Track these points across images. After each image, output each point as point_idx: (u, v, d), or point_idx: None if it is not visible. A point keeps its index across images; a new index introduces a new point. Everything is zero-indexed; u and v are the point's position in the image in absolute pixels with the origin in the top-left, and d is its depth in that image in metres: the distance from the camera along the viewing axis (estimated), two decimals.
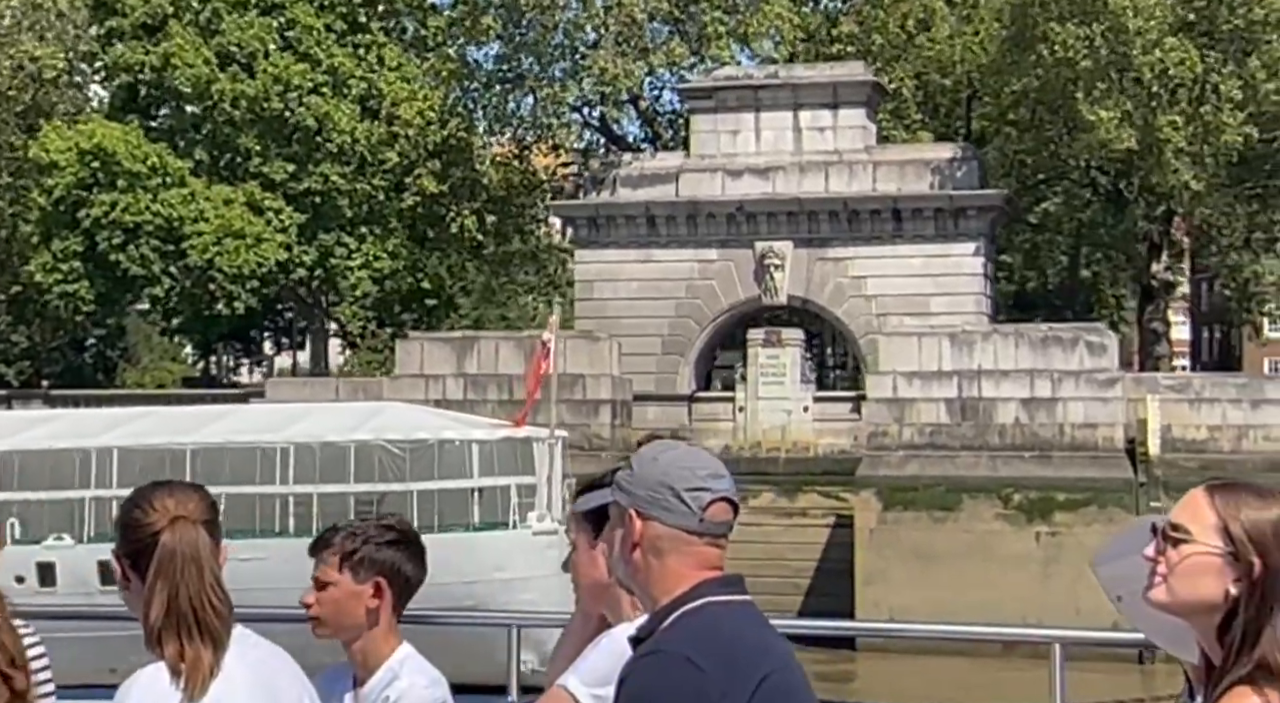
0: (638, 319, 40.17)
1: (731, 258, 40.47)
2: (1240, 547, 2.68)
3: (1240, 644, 2.64)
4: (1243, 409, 32.63)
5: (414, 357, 37.33)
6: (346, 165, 44.33)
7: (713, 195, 40.28)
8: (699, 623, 2.86)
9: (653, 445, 3.11)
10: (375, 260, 44.70)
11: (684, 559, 2.94)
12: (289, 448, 22.78)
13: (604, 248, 41.17)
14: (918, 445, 33.99)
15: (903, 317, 38.29)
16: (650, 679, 2.79)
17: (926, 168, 39.44)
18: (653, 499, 2.95)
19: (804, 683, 2.98)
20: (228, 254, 40.98)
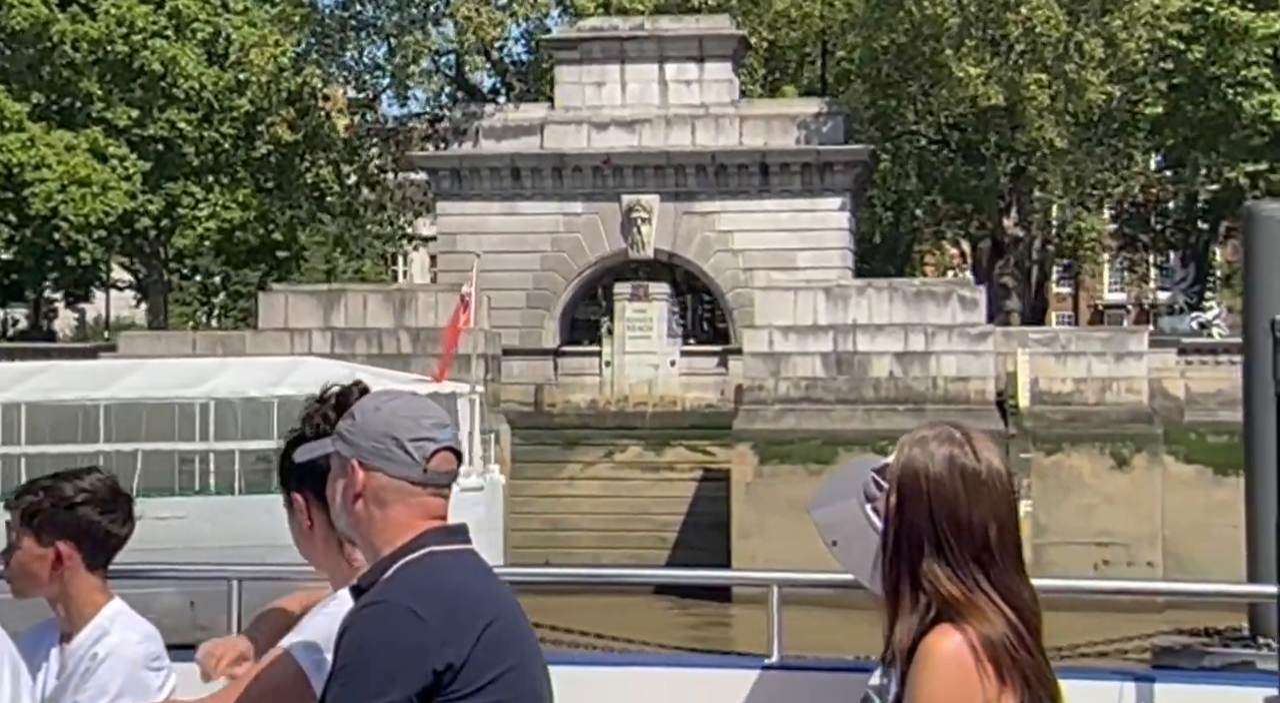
0: (502, 273, 39.54)
1: (597, 211, 40.14)
2: (890, 485, 2.81)
3: (906, 585, 2.73)
4: (1107, 362, 33.48)
5: (277, 310, 36.26)
6: (193, 112, 42.75)
7: (578, 148, 39.85)
8: (421, 573, 2.86)
9: (374, 395, 3.08)
10: (224, 210, 43.25)
11: (407, 510, 2.93)
12: (209, 403, 21.82)
13: (467, 200, 40.47)
14: (793, 399, 34.17)
15: (769, 271, 38.44)
16: (370, 630, 2.77)
17: (792, 123, 39.55)
18: (376, 450, 2.93)
19: (527, 630, 2.99)
20: (73, 203, 39.20)
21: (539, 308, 40.40)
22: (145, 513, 17.74)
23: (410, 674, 2.76)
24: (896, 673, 2.77)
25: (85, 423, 21.50)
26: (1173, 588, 7.92)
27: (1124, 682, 3.99)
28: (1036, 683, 2.71)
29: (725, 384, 39.45)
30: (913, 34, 37.18)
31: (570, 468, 37.18)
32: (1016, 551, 2.84)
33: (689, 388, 39.36)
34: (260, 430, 21.54)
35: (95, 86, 41.43)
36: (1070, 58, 34.56)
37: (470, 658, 2.81)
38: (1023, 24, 34.87)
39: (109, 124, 41.57)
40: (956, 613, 2.70)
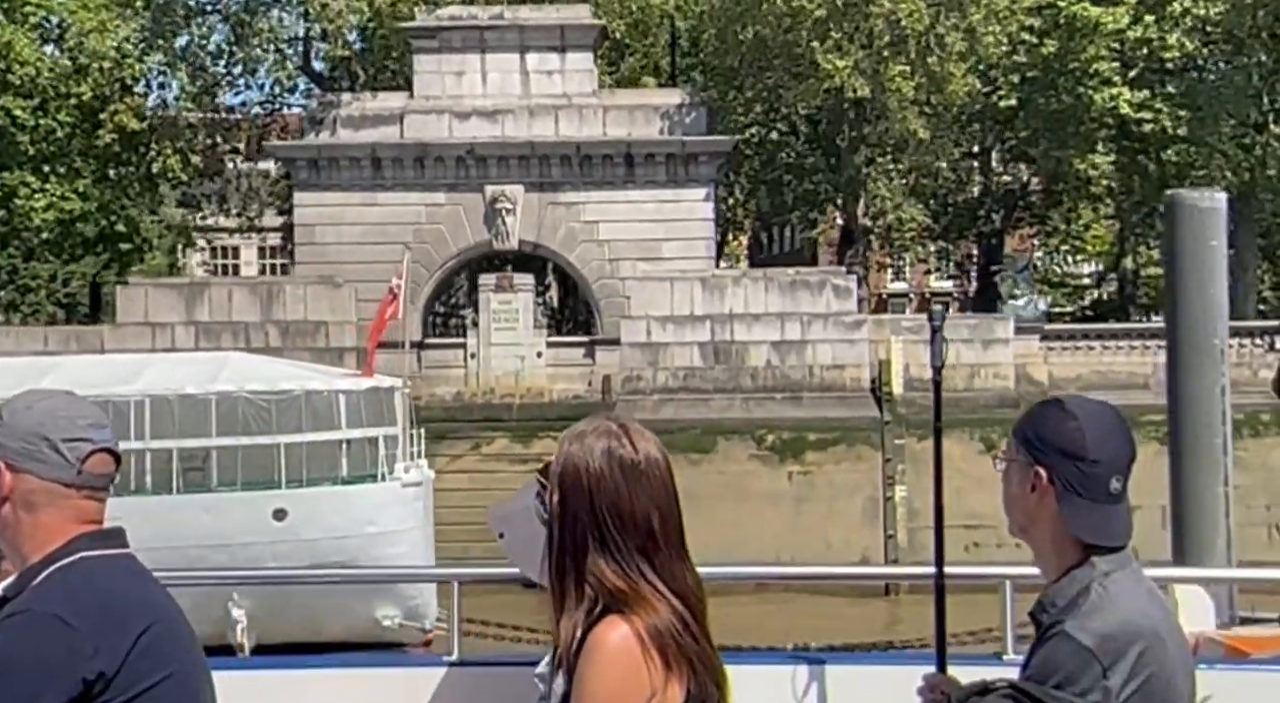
0: (362, 264, 38.83)
1: (460, 202, 39.69)
2: (552, 484, 2.87)
3: (571, 580, 2.79)
4: (975, 349, 34.41)
5: (137, 304, 35.12)
6: (29, 99, 40.99)
7: (440, 138, 39.35)
8: (71, 579, 2.77)
9: (26, 394, 2.97)
10: (63, 201, 41.59)
11: (60, 513, 2.83)
12: (144, 400, 20.93)
13: (325, 190, 39.63)
14: (672, 389, 34.39)
15: (635, 261, 38.55)
16: (14, 640, 2.67)
17: (656, 113, 39.66)
18: (26, 451, 2.82)
19: (188, 634, 2.92)
20: None
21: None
22: None
23: (58, 685, 2.65)
24: (565, 669, 2.81)
25: None
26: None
27: (796, 665, 4.14)
28: (702, 669, 2.79)
29: (593, 375, 39.44)
30: (775, 26, 37.59)
31: (438, 462, 36.70)
32: (679, 537, 2.91)
33: (556, 379, 39.21)
34: (197, 428, 20.83)
35: None
36: (932, 51, 35.37)
37: (124, 666, 2.71)
38: (886, 17, 35.54)
39: None
40: (622, 605, 2.76)
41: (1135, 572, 2.98)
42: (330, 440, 21.30)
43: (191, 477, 21.01)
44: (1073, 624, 2.81)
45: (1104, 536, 2.93)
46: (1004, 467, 3.07)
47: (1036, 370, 35.13)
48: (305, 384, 22.05)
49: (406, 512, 20.02)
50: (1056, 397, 3.12)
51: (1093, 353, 35.29)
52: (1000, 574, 4.78)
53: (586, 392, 39.24)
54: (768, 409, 34.01)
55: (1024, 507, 2.99)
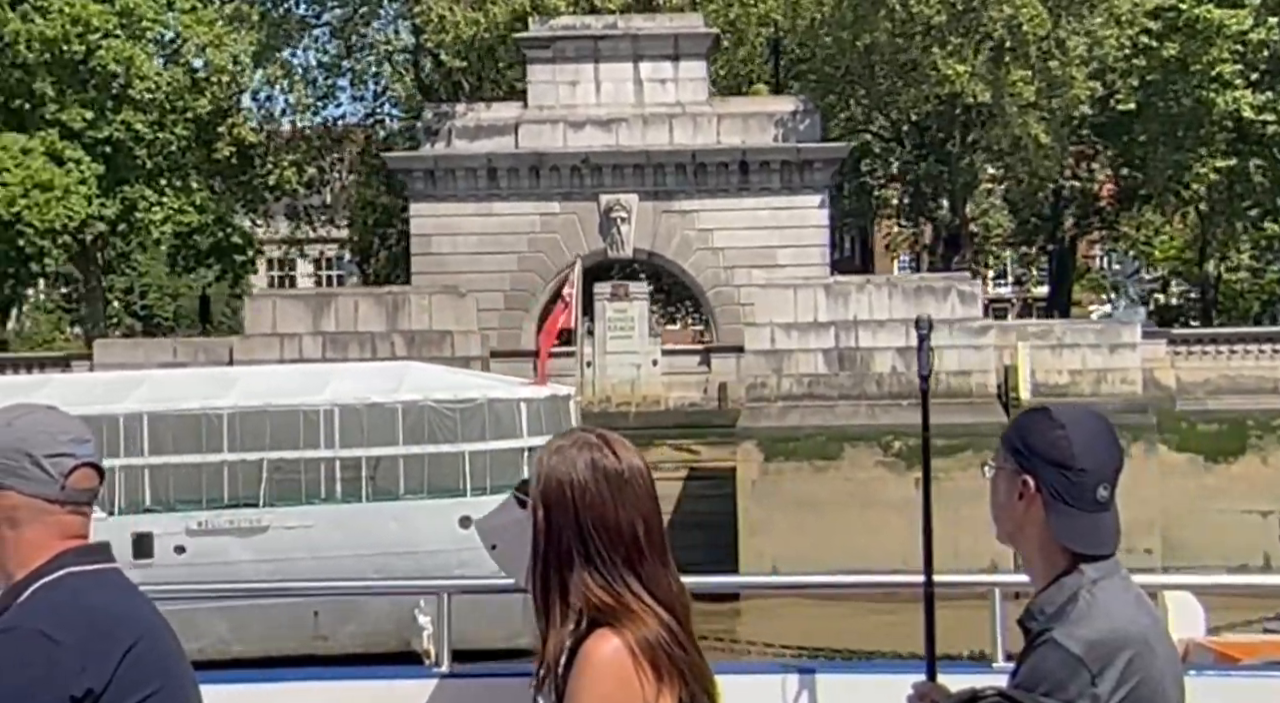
0: (478, 274, 39.18)
1: (575, 211, 39.90)
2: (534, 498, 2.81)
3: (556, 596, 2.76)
4: (1101, 354, 34.14)
5: (265, 316, 35.46)
6: (148, 114, 41.58)
7: (555, 147, 39.58)
8: (57, 595, 2.74)
9: (7, 409, 2.93)
10: (179, 214, 42.14)
11: (43, 530, 2.80)
12: (333, 410, 21.19)
13: (441, 201, 39.97)
14: (796, 396, 34.29)
15: (750, 269, 38.60)
16: (2, 657, 2.64)
17: (770, 120, 39.70)
18: (8, 467, 2.79)
19: (175, 649, 2.88)
20: (37, 208, 37.89)
21: (517, 309, 40.04)
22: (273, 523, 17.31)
23: (45, 701, 2.62)
24: (551, 685, 2.79)
25: (208, 431, 20.83)
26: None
27: (786, 674, 4.13)
28: (693, 680, 2.78)
29: (708, 382, 39.52)
30: (890, 33, 37.53)
31: None
32: (663, 546, 2.88)
33: (671, 387, 39.31)
34: (384, 436, 21.06)
35: (49, 87, 40.10)
36: (1054, 55, 35.19)
37: (113, 682, 2.68)
38: (1006, 22, 35.39)
39: (63, 126, 40.26)
40: (610, 618, 2.74)
41: (1124, 579, 2.98)
42: (513, 448, 21.46)
43: (380, 485, 21.26)
44: (1061, 632, 2.82)
45: (1091, 544, 2.94)
46: (992, 474, 3.08)
47: (1164, 375, 34.82)
48: (488, 393, 22.24)
49: None
50: (1044, 405, 3.14)
51: (1220, 357, 34.95)
52: (989, 582, 4.77)
53: (702, 399, 39.32)
54: (893, 415, 33.84)
55: (1012, 515, 2.99)
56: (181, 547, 20.29)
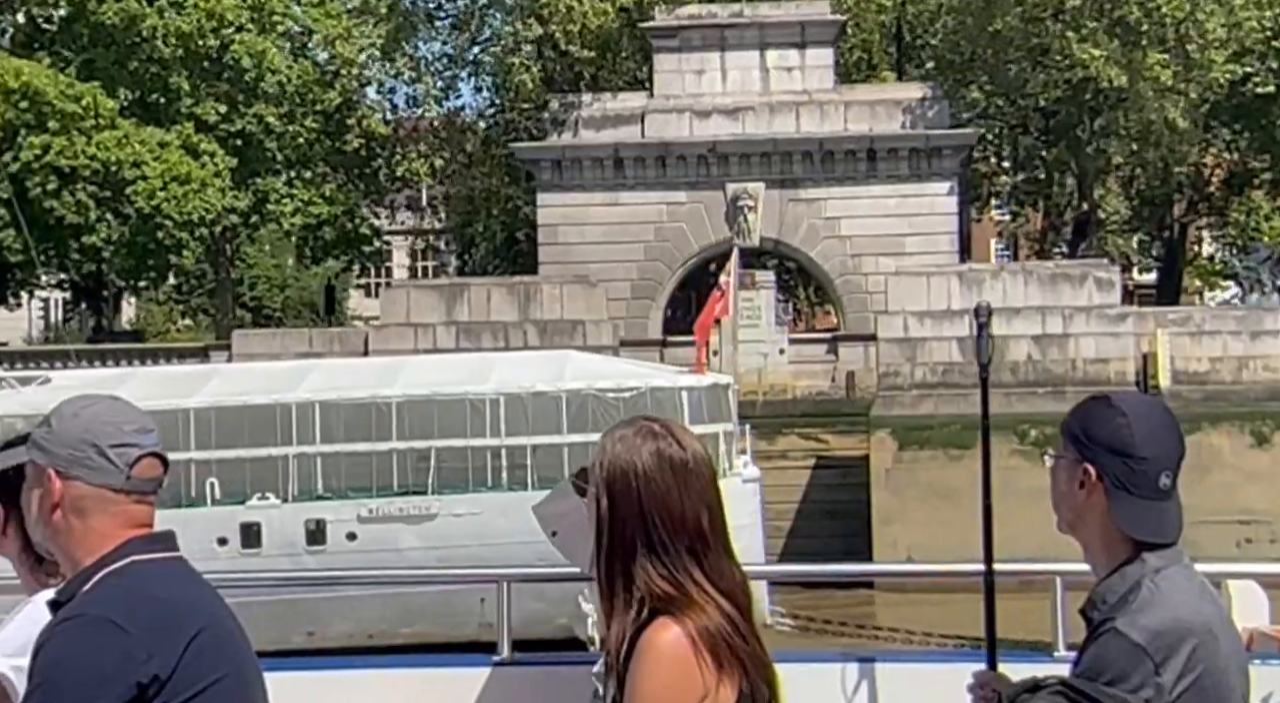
0: (605, 264, 39.33)
1: (701, 200, 39.94)
2: (597, 487, 2.79)
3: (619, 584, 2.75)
4: (1243, 341, 33.56)
5: (399, 305, 35.92)
6: (279, 106, 42.21)
7: (681, 136, 39.62)
8: (123, 583, 2.76)
9: (73, 400, 2.94)
10: (309, 206, 42.75)
11: (110, 519, 2.83)
12: (499, 399, 21.45)
13: (568, 191, 40.17)
14: (930, 384, 34.07)
15: (877, 257, 38.42)
16: (68, 645, 2.66)
17: (897, 107, 39.45)
18: (74, 458, 2.81)
19: (240, 637, 2.89)
20: (175, 200, 38.64)
21: (644, 298, 40.15)
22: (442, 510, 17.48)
23: (112, 690, 2.63)
24: (614, 674, 2.77)
25: (378, 420, 21.18)
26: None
27: (846, 663, 4.09)
28: (754, 669, 2.76)
29: (836, 371, 39.39)
30: (1024, 17, 37.12)
31: None
32: (725, 535, 2.86)
33: (799, 376, 39.24)
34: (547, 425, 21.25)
35: (184, 82, 40.84)
36: (1191, 38, 34.63)
37: (178, 669, 2.70)
38: (1142, 4, 34.87)
39: (198, 120, 40.99)
40: (672, 607, 2.72)
41: (1186, 568, 2.93)
42: None
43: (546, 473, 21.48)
44: (1124, 621, 2.78)
45: (1154, 532, 2.89)
46: (1052, 464, 3.03)
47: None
48: (650, 381, 22.36)
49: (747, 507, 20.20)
50: (1105, 393, 3.10)
51: None
52: (1051, 570, 4.71)
53: (830, 388, 39.22)
54: (1029, 404, 33.47)
55: (1072, 504, 2.96)
56: (353, 534, 20.62)
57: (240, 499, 21.50)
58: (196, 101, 41.03)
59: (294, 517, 20.89)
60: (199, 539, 20.86)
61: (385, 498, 20.86)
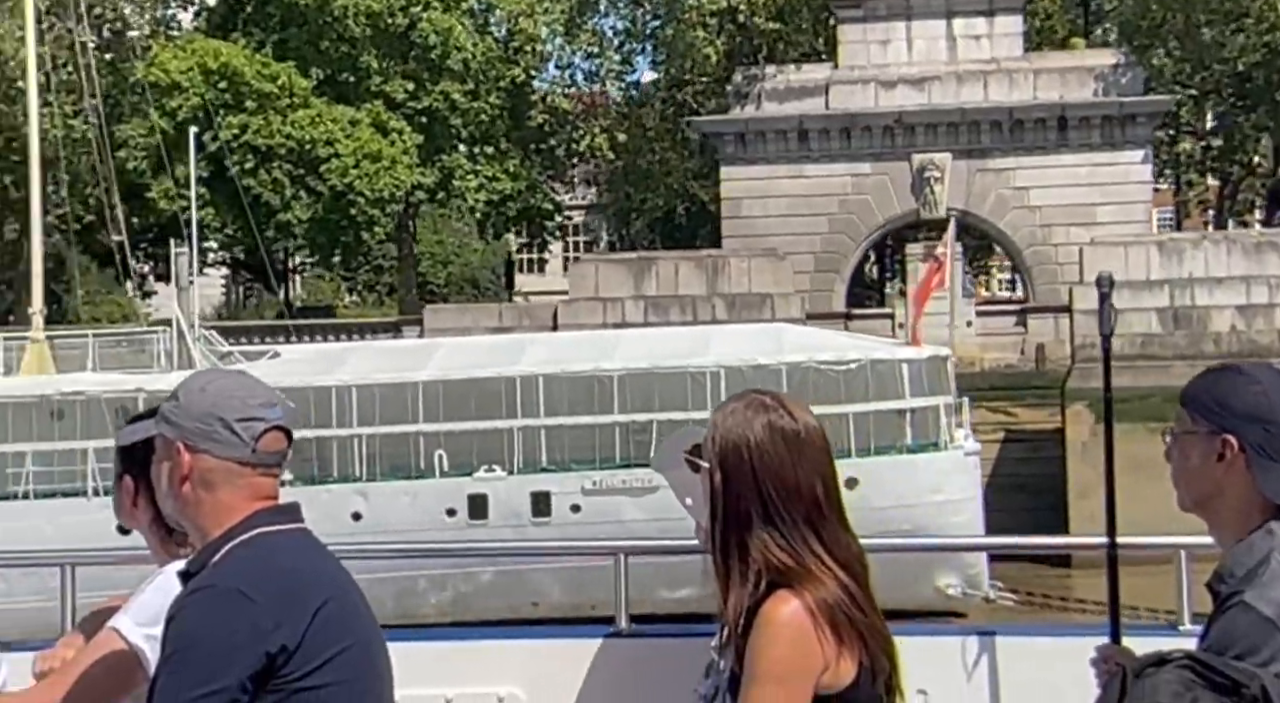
0: (789, 236, 39.16)
1: (886, 171, 39.56)
2: (710, 461, 2.76)
3: (735, 557, 2.71)
4: None
5: (588, 280, 36.13)
6: (464, 84, 42.71)
7: (867, 107, 39.26)
8: (251, 554, 2.78)
9: (200, 375, 2.98)
10: (493, 181, 43.24)
11: (237, 491, 2.84)
12: (719, 372, 21.60)
13: (751, 164, 40.07)
14: (1129, 356, 33.33)
15: (1068, 227, 37.74)
16: (199, 615, 2.68)
17: (1089, 74, 38.63)
18: (202, 431, 2.84)
19: (364, 608, 2.90)
20: (367, 177, 39.37)
21: (828, 271, 39.94)
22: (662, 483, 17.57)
23: (242, 658, 2.65)
24: (731, 647, 2.74)
25: (599, 393, 21.45)
26: None
27: (965, 636, 3.99)
28: (873, 641, 2.72)
29: (1025, 343, 38.81)
30: None
31: None
32: (841, 506, 2.82)
33: (986, 348, 38.72)
34: None
35: (373, 60, 41.54)
36: None
37: (305, 639, 2.71)
38: None
39: (387, 98, 41.67)
40: (790, 579, 2.69)
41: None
42: (896, 409, 21.48)
43: None
44: (1253, 594, 2.69)
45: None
46: (1174, 440, 2.93)
47: None
48: (870, 354, 22.29)
49: (967, 480, 20.09)
50: (1229, 364, 3.00)
51: None
52: (1175, 544, 4.59)
53: (1019, 360, 38.65)
54: None
55: (1210, 477, 2.84)
56: (577, 506, 20.88)
57: (467, 471, 21.90)
58: (385, 80, 41.70)
59: (519, 489, 21.22)
60: (427, 510, 21.35)
61: (608, 470, 21.06)
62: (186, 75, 38.99)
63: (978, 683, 3.88)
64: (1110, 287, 3.61)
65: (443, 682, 3.80)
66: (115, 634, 3.10)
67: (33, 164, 28.07)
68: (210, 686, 2.61)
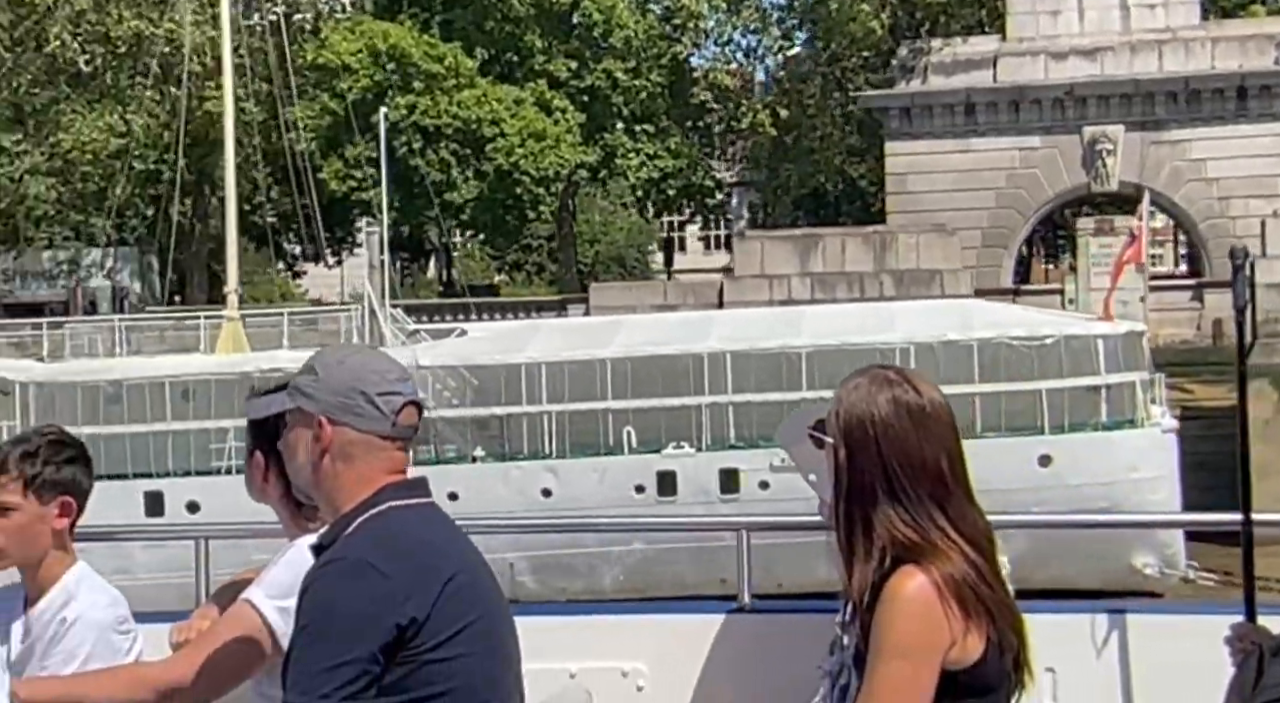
0: (955, 212, 38.67)
1: (1056, 144, 38.86)
2: (835, 437, 2.74)
3: (859, 533, 2.68)
4: None
5: (753, 257, 36.09)
6: (625, 62, 42.79)
7: (1036, 80, 38.60)
8: (382, 528, 2.78)
9: (334, 350, 2.97)
10: (654, 159, 43.31)
11: (372, 464, 2.85)
12: (909, 349, 21.55)
13: (916, 139, 39.62)
14: None
15: (1247, 199, 36.77)
16: (332, 587, 2.70)
17: (1270, 43, 37.54)
18: (344, 405, 2.84)
19: (491, 582, 2.90)
20: (532, 156, 39.67)
21: (995, 247, 39.38)
22: None
23: (374, 631, 2.67)
24: (857, 622, 2.71)
25: (788, 370, 21.44)
26: None
27: (1095, 614, 3.89)
28: (1001, 617, 2.68)
29: (1201, 318, 37.91)
30: None
31: None
32: (967, 481, 2.77)
33: (1161, 324, 37.81)
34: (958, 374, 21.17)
35: (537, 39, 41.79)
36: None
37: (433, 612, 2.71)
38: None
39: (550, 76, 41.91)
40: (915, 554, 2.66)
41: None
42: (1091, 385, 21.17)
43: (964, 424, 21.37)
44: None
45: None
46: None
47: None
48: (1064, 329, 21.98)
49: (1164, 457, 19.72)
50: None
51: None
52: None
53: (1195, 336, 37.75)
54: None
55: None
56: (765, 483, 20.85)
57: (656, 448, 22.01)
58: (548, 59, 41.95)
59: (708, 466, 21.28)
60: (616, 486, 21.50)
61: None
62: (356, 57, 39.58)
63: (1107, 661, 3.81)
64: (1245, 258, 3.49)
65: (568, 656, 3.83)
66: (249, 607, 3.15)
67: (228, 150, 28.72)
68: (343, 657, 2.64)
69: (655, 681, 3.80)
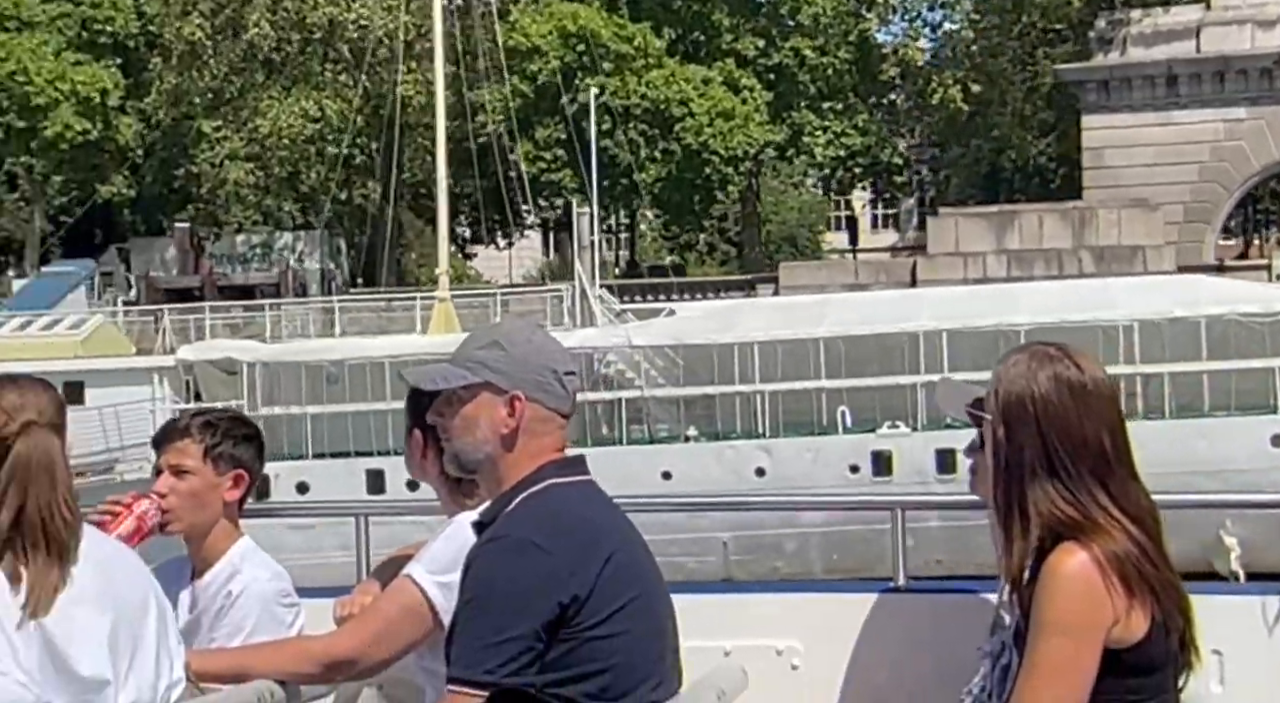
0: (1155, 187, 37.70)
1: (1262, 116, 37.71)
2: (993, 414, 2.74)
3: (1017, 510, 2.67)
4: None
5: (948, 234, 35.64)
6: (813, 39, 42.50)
7: (1242, 49, 37.45)
8: (542, 505, 2.78)
9: (516, 327, 2.99)
10: (842, 137, 42.98)
11: (545, 441, 2.86)
12: (1132, 326, 21.21)
13: (1115, 112, 38.69)
14: None
15: None
16: (495, 564, 2.71)
17: None
18: (538, 382, 2.84)
19: (649, 560, 2.89)
20: (721, 136, 39.65)
21: (1197, 222, 38.33)
22: None
23: (536, 607, 2.67)
24: (1016, 601, 2.68)
25: (1005, 349, 21.06)
26: None
27: (1266, 596, 3.62)
28: (1166, 596, 2.63)
29: None
30: None
31: None
32: (1130, 458, 2.70)
33: None
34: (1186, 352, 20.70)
35: (724, 18, 41.71)
36: None
37: (595, 590, 2.71)
38: None
39: (738, 55, 41.81)
40: (1076, 532, 2.61)
41: None
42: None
43: (1183, 402, 20.96)
44: None
45: None
46: None
47: None
48: None
49: None
50: None
51: None
52: None
53: None
54: None
55: None
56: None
57: (871, 428, 21.85)
58: (735, 37, 41.87)
59: (924, 446, 21.06)
60: (831, 465, 21.39)
61: None
62: (546, 39, 39.89)
63: (1278, 644, 3.60)
64: None
65: (722, 634, 3.82)
66: (410, 582, 3.17)
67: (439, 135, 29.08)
68: (508, 633, 2.67)
69: (810, 659, 3.79)
